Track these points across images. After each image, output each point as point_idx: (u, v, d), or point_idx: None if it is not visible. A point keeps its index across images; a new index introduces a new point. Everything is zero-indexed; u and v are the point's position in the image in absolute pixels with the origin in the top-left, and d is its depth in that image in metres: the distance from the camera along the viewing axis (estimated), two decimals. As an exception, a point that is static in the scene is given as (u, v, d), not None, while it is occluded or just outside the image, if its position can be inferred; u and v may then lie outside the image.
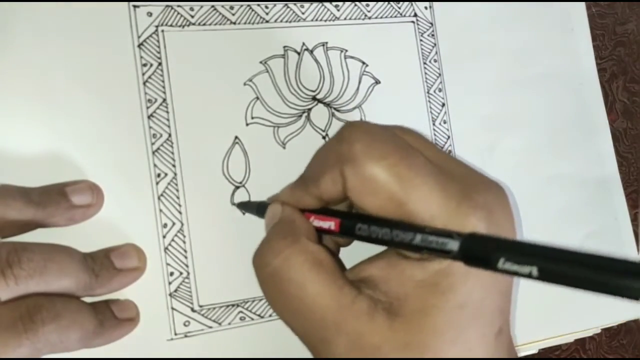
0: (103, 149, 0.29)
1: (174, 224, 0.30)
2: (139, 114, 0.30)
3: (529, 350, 0.36)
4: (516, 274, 0.21)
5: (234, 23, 0.32)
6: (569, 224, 0.38)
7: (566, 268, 0.20)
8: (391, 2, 0.36)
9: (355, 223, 0.25)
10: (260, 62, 0.32)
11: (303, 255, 0.24)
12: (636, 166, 0.44)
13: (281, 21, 0.33)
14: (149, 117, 0.30)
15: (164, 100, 0.30)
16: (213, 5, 0.32)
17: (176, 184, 0.30)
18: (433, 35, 0.36)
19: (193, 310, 0.29)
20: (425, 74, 0.36)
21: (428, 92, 0.36)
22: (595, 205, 0.39)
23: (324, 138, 0.33)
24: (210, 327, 0.30)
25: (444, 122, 0.36)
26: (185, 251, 0.30)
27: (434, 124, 0.36)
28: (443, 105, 0.36)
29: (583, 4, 0.41)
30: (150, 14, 0.31)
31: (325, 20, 0.34)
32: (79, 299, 0.26)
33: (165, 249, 0.29)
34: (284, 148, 0.32)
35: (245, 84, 0.32)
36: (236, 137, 0.31)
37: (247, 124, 0.32)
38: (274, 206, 0.27)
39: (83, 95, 0.29)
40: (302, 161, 0.32)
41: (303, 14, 0.34)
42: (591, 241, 0.38)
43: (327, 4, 0.34)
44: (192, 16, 0.31)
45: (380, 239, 0.24)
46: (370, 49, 0.35)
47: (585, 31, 0.41)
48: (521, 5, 0.39)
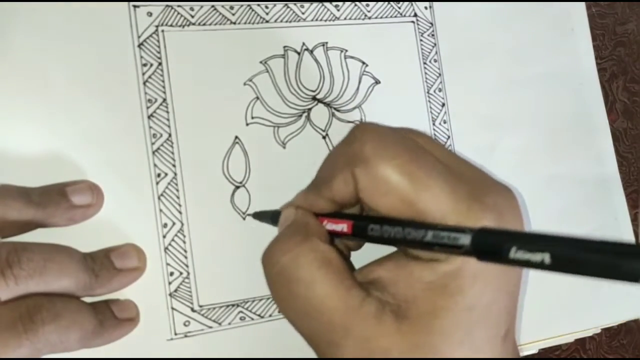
0: (103, 149, 0.29)
1: (174, 224, 0.30)
2: (139, 114, 0.30)
3: (529, 350, 0.36)
4: (528, 263, 0.20)
5: (234, 23, 0.32)
6: (569, 223, 0.38)
7: (578, 254, 0.20)
8: (391, 2, 0.36)
9: (367, 224, 0.25)
10: (260, 62, 0.32)
11: (312, 254, 0.24)
12: (636, 166, 0.44)
13: (281, 21, 0.33)
14: (149, 117, 0.30)
15: (164, 100, 0.30)
16: (213, 5, 0.32)
17: (176, 184, 0.30)
18: (433, 35, 0.36)
19: (193, 310, 0.29)
20: (425, 74, 0.36)
21: (428, 92, 0.36)
22: (595, 205, 0.39)
23: (324, 138, 0.33)
24: (210, 327, 0.30)
25: (444, 122, 0.36)
26: (185, 251, 0.30)
27: (434, 124, 0.36)
28: (443, 105, 0.36)
29: (583, 4, 0.41)
30: (150, 14, 0.31)
31: (325, 20, 0.34)
32: (79, 299, 0.26)
33: (165, 249, 0.29)
34: (284, 148, 0.32)
35: (245, 84, 0.32)
36: (236, 137, 0.31)
37: (247, 124, 0.32)
38: (287, 210, 0.27)
39: (83, 95, 0.29)
40: (302, 161, 0.32)
41: (303, 14, 0.34)
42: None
43: (327, 4, 0.34)
44: (192, 16, 0.31)
45: (393, 238, 0.24)
46: (370, 49, 0.35)
47: (585, 31, 0.41)
48: (521, 5, 0.39)
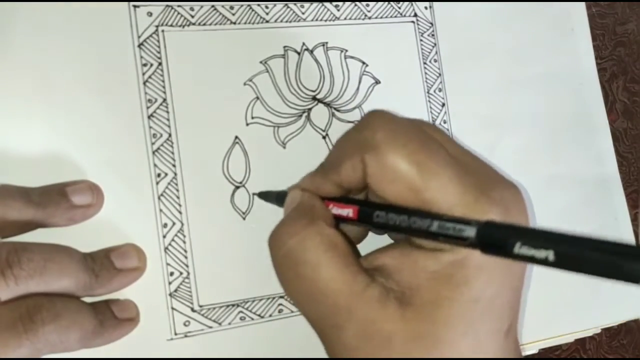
0: (103, 149, 0.29)
1: (174, 224, 0.30)
2: (139, 114, 0.30)
3: (529, 350, 0.36)
4: (532, 259, 0.21)
5: (234, 23, 0.32)
6: (568, 223, 0.38)
7: (582, 253, 0.20)
8: (391, 2, 0.36)
9: (373, 210, 0.25)
10: (261, 62, 0.32)
11: (319, 237, 0.24)
12: (636, 166, 0.44)
13: (281, 21, 0.33)
14: (149, 117, 0.30)
15: (164, 100, 0.30)
16: (213, 5, 0.32)
17: (176, 184, 0.30)
18: (433, 35, 0.36)
19: (193, 310, 0.29)
20: (425, 74, 0.36)
21: (428, 92, 0.36)
22: (595, 205, 0.39)
23: (324, 138, 0.33)
24: (210, 327, 0.30)
25: (444, 122, 0.36)
26: (185, 251, 0.30)
27: (434, 124, 0.36)
28: (443, 105, 0.36)
29: (583, 4, 0.41)
30: (150, 14, 0.31)
31: (325, 20, 0.34)
32: (79, 299, 0.26)
33: (166, 249, 0.29)
34: (284, 148, 0.32)
35: (245, 84, 0.32)
36: (236, 137, 0.31)
37: (247, 124, 0.32)
38: (293, 192, 0.27)
39: (83, 95, 0.29)
40: (302, 161, 0.32)
41: (303, 14, 0.34)
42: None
43: (327, 4, 0.34)
44: (192, 16, 0.31)
45: (398, 226, 0.24)
46: (370, 49, 0.35)
47: (585, 31, 0.41)
48: (521, 5, 0.39)
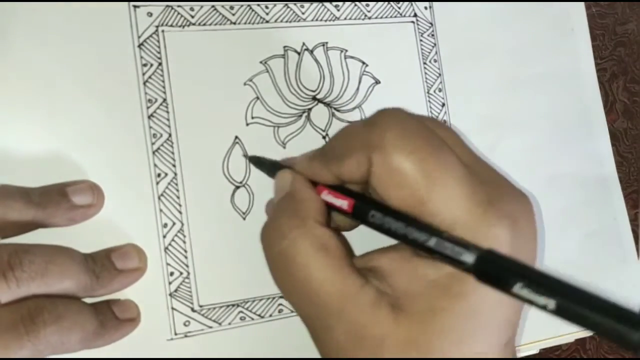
0: (103, 149, 0.29)
1: (174, 224, 0.30)
2: (139, 114, 0.30)
3: (529, 350, 0.36)
4: (530, 302, 0.20)
5: (234, 23, 0.32)
6: (568, 224, 0.38)
7: (584, 310, 0.20)
8: (391, 2, 0.36)
9: (370, 209, 0.24)
10: (261, 62, 0.32)
11: (309, 240, 0.24)
12: (636, 166, 0.44)
13: (281, 21, 0.33)
14: (149, 117, 0.30)
15: (164, 100, 0.30)
16: (213, 5, 0.32)
17: (176, 184, 0.30)
18: (433, 35, 0.36)
19: (193, 310, 0.29)
20: (425, 74, 0.36)
21: (428, 92, 0.36)
22: (595, 205, 0.39)
23: (324, 138, 0.33)
24: (211, 327, 0.30)
25: (444, 122, 0.36)
26: (185, 251, 0.30)
27: (434, 124, 0.36)
28: (443, 105, 0.36)
29: (583, 4, 0.41)
30: (150, 14, 0.31)
31: (325, 20, 0.34)
32: (80, 300, 0.26)
33: (166, 249, 0.29)
34: (284, 148, 0.32)
35: (245, 84, 0.32)
36: (236, 137, 0.31)
37: (247, 124, 0.32)
38: (284, 175, 0.27)
39: (83, 95, 0.29)
40: (303, 161, 0.32)
41: (303, 14, 0.34)
42: (591, 241, 0.38)
43: (327, 4, 0.34)
44: (192, 16, 0.31)
45: (392, 232, 0.23)
46: (370, 49, 0.35)
47: (585, 31, 0.41)
48: (521, 5, 0.39)
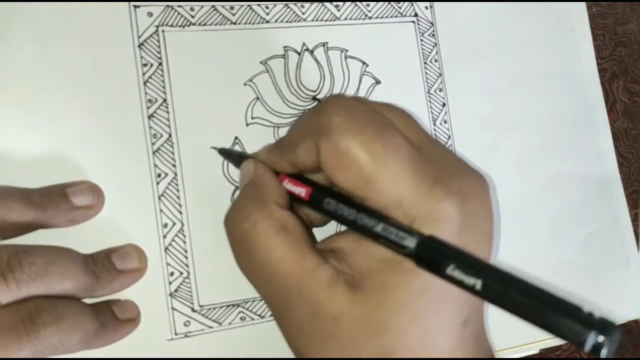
0: (103, 149, 0.29)
1: (174, 224, 0.30)
2: (139, 114, 0.30)
3: (529, 350, 0.36)
4: (461, 283, 0.22)
5: (234, 23, 0.32)
6: (569, 224, 0.38)
7: (509, 290, 0.21)
8: (391, 2, 0.36)
9: (325, 197, 0.25)
10: (261, 62, 0.32)
11: (269, 221, 0.25)
12: (637, 166, 0.44)
13: (281, 21, 0.33)
14: (149, 117, 0.30)
15: (164, 100, 0.30)
16: (213, 6, 0.32)
17: (176, 184, 0.30)
18: (433, 35, 0.36)
19: (193, 310, 0.29)
20: (426, 74, 0.36)
21: (428, 92, 0.36)
22: (596, 205, 0.39)
23: (324, 138, 0.33)
24: (211, 327, 0.30)
25: (445, 122, 0.36)
26: (185, 251, 0.30)
27: (434, 124, 0.36)
28: (444, 105, 0.36)
29: (584, 3, 0.41)
30: (150, 14, 0.31)
31: (326, 20, 0.34)
32: (80, 301, 0.26)
33: (166, 249, 0.29)
34: (284, 148, 0.32)
35: (245, 84, 0.32)
36: (236, 137, 0.31)
37: (247, 124, 0.32)
38: (247, 164, 0.28)
39: (83, 95, 0.29)
40: (303, 161, 0.32)
41: (303, 14, 0.34)
42: (591, 241, 0.38)
43: (328, 4, 0.34)
44: (193, 16, 0.31)
45: (345, 218, 0.25)
46: (370, 49, 0.35)
47: (585, 31, 0.41)
48: (522, 5, 0.39)
